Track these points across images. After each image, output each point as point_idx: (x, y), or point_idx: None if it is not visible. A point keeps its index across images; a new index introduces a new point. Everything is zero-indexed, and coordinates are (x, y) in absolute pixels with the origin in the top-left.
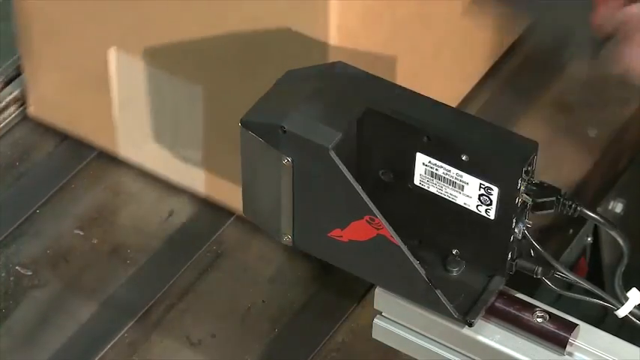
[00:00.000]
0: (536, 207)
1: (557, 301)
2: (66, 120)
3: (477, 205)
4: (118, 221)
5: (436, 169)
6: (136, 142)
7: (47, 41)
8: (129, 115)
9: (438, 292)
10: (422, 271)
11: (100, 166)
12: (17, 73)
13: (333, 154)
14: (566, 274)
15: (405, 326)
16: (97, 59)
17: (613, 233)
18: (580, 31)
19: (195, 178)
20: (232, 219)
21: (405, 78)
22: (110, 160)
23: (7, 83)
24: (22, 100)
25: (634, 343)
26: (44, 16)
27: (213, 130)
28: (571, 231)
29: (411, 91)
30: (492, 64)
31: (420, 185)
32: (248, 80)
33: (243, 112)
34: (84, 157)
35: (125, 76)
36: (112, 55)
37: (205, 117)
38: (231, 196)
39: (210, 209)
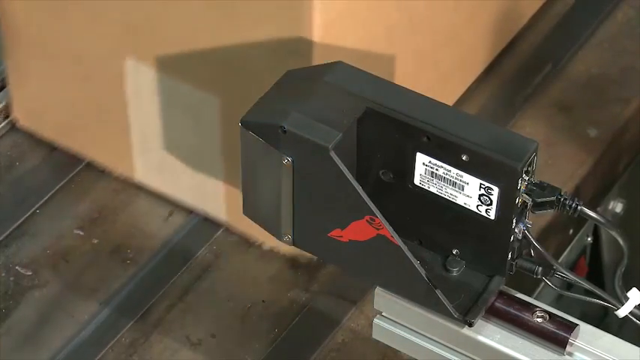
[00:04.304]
0: (536, 207)
1: (557, 301)
2: (54, 132)
3: (477, 205)
4: (118, 221)
5: (436, 169)
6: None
7: (34, 53)
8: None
9: (438, 292)
10: (422, 271)
11: (99, 166)
12: (3, 85)
13: (333, 154)
14: (566, 274)
15: (405, 326)
16: (90, 71)
17: (613, 233)
18: None
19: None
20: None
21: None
22: None
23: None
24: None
25: (634, 343)
26: (32, 28)
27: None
28: (571, 231)
29: (411, 91)
30: (488, 63)
31: (420, 185)
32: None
33: None
34: (84, 157)
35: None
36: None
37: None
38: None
39: None
